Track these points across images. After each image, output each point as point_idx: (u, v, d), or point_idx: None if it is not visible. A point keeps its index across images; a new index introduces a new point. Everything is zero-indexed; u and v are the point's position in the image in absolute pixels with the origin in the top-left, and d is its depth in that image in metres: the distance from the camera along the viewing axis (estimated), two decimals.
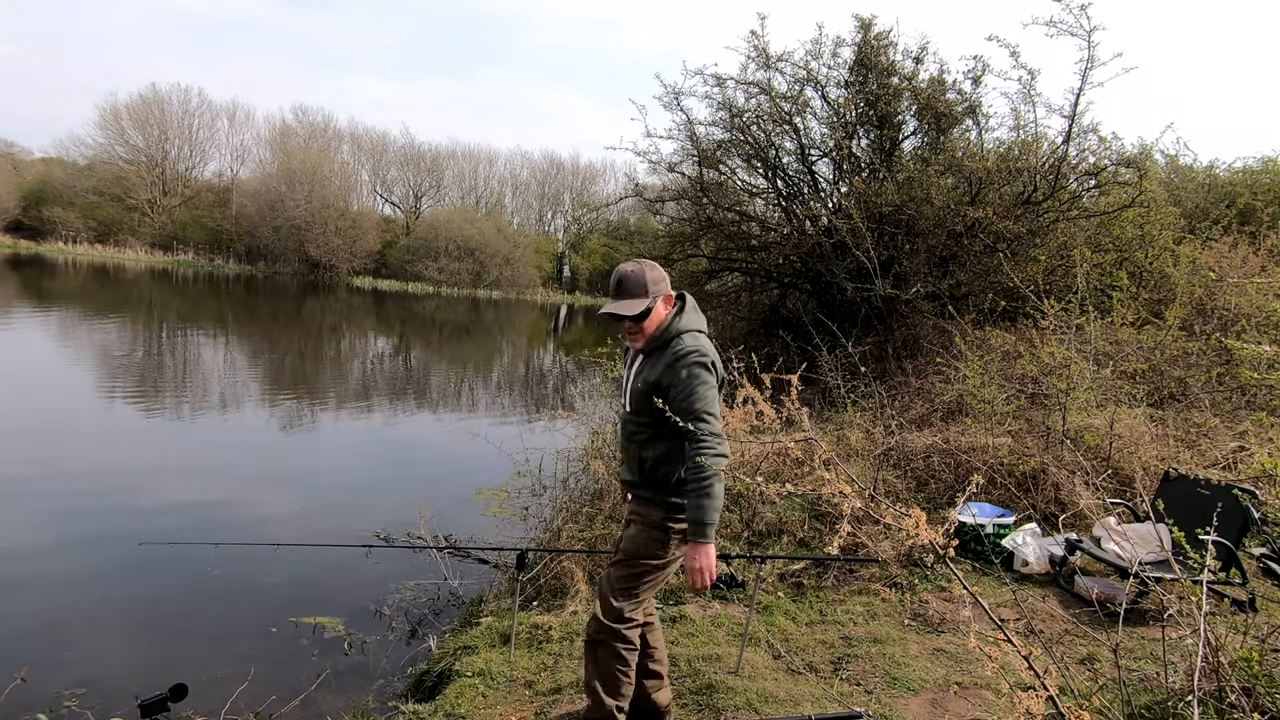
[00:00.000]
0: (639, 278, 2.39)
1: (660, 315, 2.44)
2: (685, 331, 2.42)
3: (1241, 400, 6.16)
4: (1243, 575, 3.65)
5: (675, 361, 2.34)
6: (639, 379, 2.45)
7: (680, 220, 13.24)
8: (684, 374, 2.31)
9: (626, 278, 2.41)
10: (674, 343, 2.40)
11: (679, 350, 2.37)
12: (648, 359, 2.46)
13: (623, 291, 2.41)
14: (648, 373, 2.41)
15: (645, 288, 2.39)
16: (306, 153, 40.23)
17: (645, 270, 2.40)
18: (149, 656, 3.85)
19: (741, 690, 2.98)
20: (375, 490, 6.96)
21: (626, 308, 2.37)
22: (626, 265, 2.43)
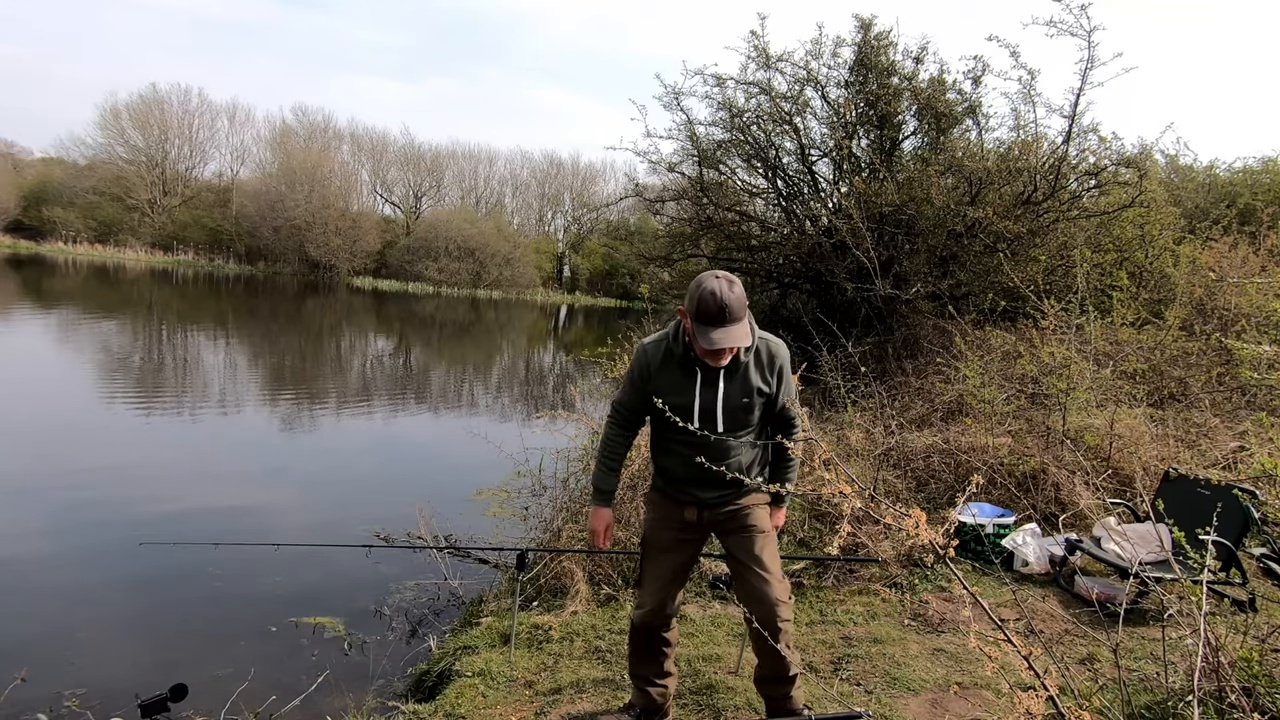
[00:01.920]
0: (741, 301, 2.22)
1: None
2: (762, 336, 2.39)
3: (1241, 400, 6.16)
4: (1243, 575, 3.65)
5: (773, 361, 2.37)
6: (733, 397, 2.34)
7: (680, 220, 13.25)
8: (786, 373, 2.40)
9: (732, 301, 2.20)
10: (760, 349, 2.36)
11: (773, 350, 2.38)
12: (732, 374, 2.35)
13: (731, 318, 2.21)
14: (743, 385, 2.34)
15: (745, 307, 2.25)
16: (306, 153, 40.22)
17: (741, 290, 2.25)
18: (149, 656, 3.85)
19: (741, 690, 2.98)
20: (375, 490, 6.96)
21: (741, 336, 2.22)
22: (718, 285, 2.21)
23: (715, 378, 2.35)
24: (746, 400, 2.34)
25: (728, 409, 2.34)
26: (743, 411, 2.35)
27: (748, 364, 2.35)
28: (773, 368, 2.37)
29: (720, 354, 2.29)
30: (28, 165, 43.99)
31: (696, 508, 2.49)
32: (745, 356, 2.34)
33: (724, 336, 2.19)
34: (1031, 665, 1.15)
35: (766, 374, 2.36)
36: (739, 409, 2.35)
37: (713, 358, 2.30)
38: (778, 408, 2.41)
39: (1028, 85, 9.09)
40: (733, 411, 2.34)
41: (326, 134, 44.17)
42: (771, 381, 2.38)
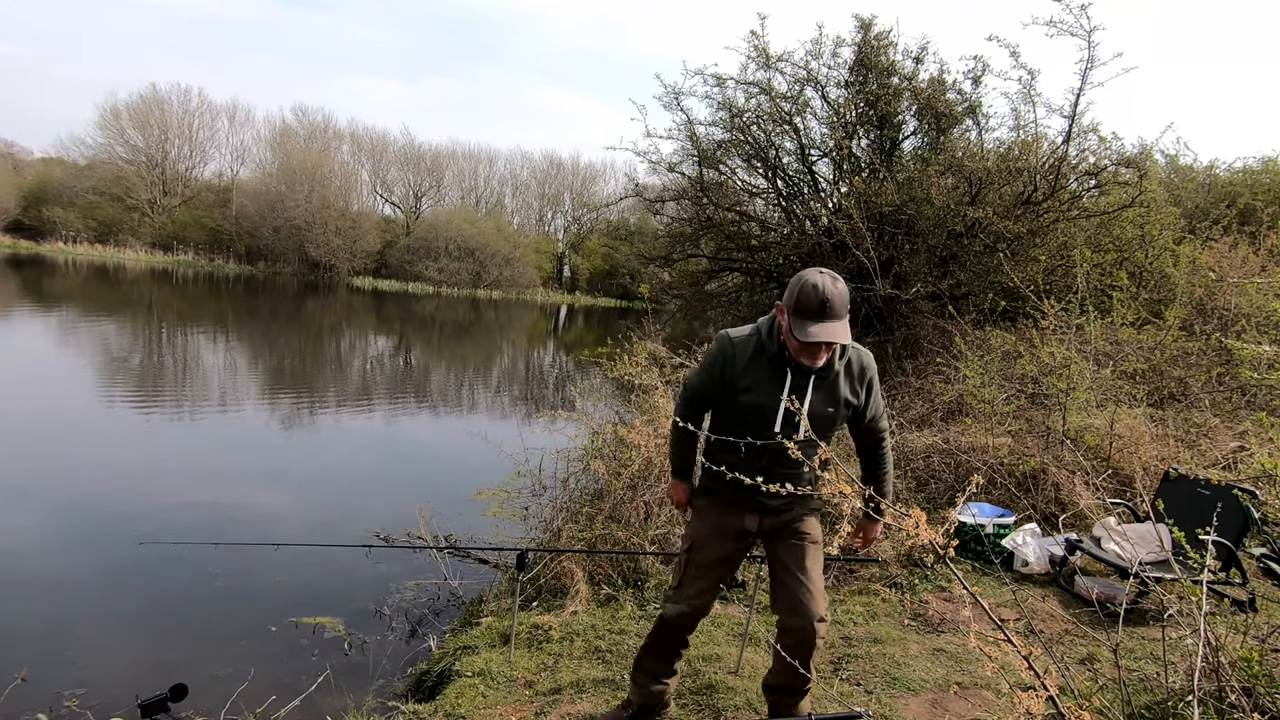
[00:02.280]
0: (845, 296, 2.12)
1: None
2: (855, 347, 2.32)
3: (1241, 400, 6.16)
4: (1243, 575, 3.65)
5: (865, 374, 2.30)
6: (819, 405, 2.23)
7: (680, 220, 13.24)
8: (875, 385, 2.34)
9: (834, 295, 2.09)
10: (852, 358, 2.28)
11: (864, 361, 2.31)
12: (822, 380, 2.24)
13: (832, 313, 2.09)
14: (831, 394, 2.25)
15: (847, 305, 2.13)
16: (306, 153, 40.22)
17: (841, 283, 2.13)
18: (149, 656, 3.85)
19: (741, 690, 2.98)
20: (375, 490, 6.96)
21: (842, 333, 2.10)
22: (821, 279, 2.10)
23: (805, 382, 2.22)
24: (832, 410, 2.24)
25: (813, 417, 2.18)
26: (827, 422, 2.24)
27: (839, 373, 2.25)
28: (863, 379, 2.30)
29: (816, 352, 2.16)
30: (28, 165, 43.98)
31: (759, 515, 2.37)
32: (838, 364, 2.24)
33: (822, 331, 2.07)
34: (1031, 665, 1.15)
35: (856, 385, 2.28)
36: (824, 418, 2.23)
37: (808, 355, 2.17)
38: (866, 420, 2.37)
39: (1028, 85, 9.09)
40: (818, 420, 2.20)
41: (326, 134, 44.20)
42: (860, 393, 2.31)
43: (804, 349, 2.15)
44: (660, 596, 4.01)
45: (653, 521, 4.49)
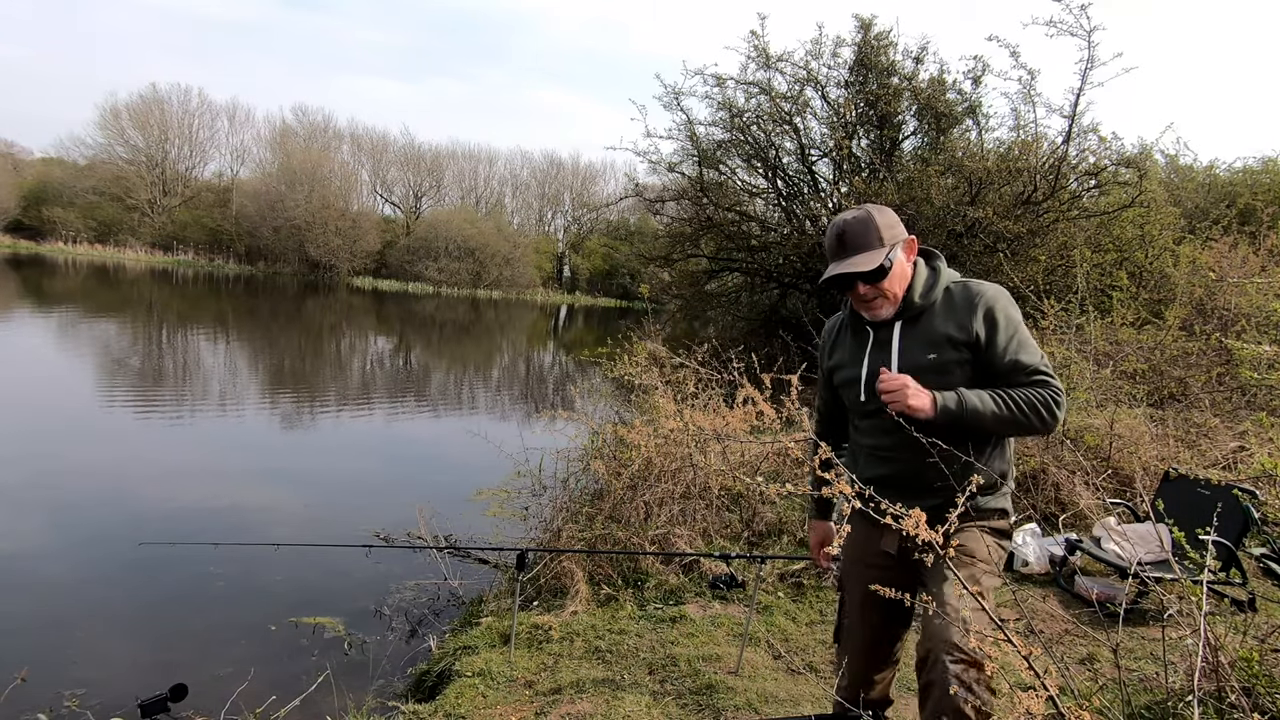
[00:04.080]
0: (865, 225, 1.80)
1: (904, 269, 1.85)
2: (956, 279, 1.88)
3: (1241, 400, 6.16)
4: (1243, 575, 3.65)
5: (974, 305, 1.79)
6: (913, 353, 1.82)
7: (680, 220, 13.25)
8: (999, 316, 1.78)
9: (849, 228, 1.81)
10: (953, 291, 1.84)
11: (974, 290, 1.82)
12: (912, 327, 1.85)
13: (846, 246, 1.81)
14: (926, 336, 1.82)
15: (878, 235, 1.79)
16: (306, 153, 40.24)
17: (872, 215, 1.81)
18: (149, 656, 3.85)
19: (741, 690, 2.98)
20: (375, 490, 6.96)
21: (861, 262, 1.77)
22: (844, 215, 1.84)
23: (889, 335, 1.86)
24: (934, 355, 1.79)
25: (914, 369, 1.79)
26: (934, 373, 1.77)
27: (929, 309, 1.84)
28: (972, 310, 1.79)
29: (867, 301, 1.84)
30: (28, 165, 43.96)
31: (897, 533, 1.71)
32: (920, 299, 1.84)
33: (838, 268, 1.80)
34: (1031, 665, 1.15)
35: (964, 317, 1.79)
36: (927, 369, 1.78)
37: (860, 305, 1.87)
38: (1001, 362, 1.76)
39: (1028, 85, 9.11)
40: (923, 372, 1.78)
41: (326, 134, 44.24)
42: (972, 325, 1.78)
43: (854, 301, 1.88)
44: (660, 596, 4.01)
45: (653, 521, 4.49)
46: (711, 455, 4.93)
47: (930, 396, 1.72)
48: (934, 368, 1.80)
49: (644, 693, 2.99)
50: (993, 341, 1.79)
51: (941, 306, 1.84)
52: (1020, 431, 1.78)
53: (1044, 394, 1.73)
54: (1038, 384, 1.74)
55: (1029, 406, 1.73)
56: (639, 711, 2.84)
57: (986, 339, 1.79)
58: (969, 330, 1.80)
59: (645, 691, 3.01)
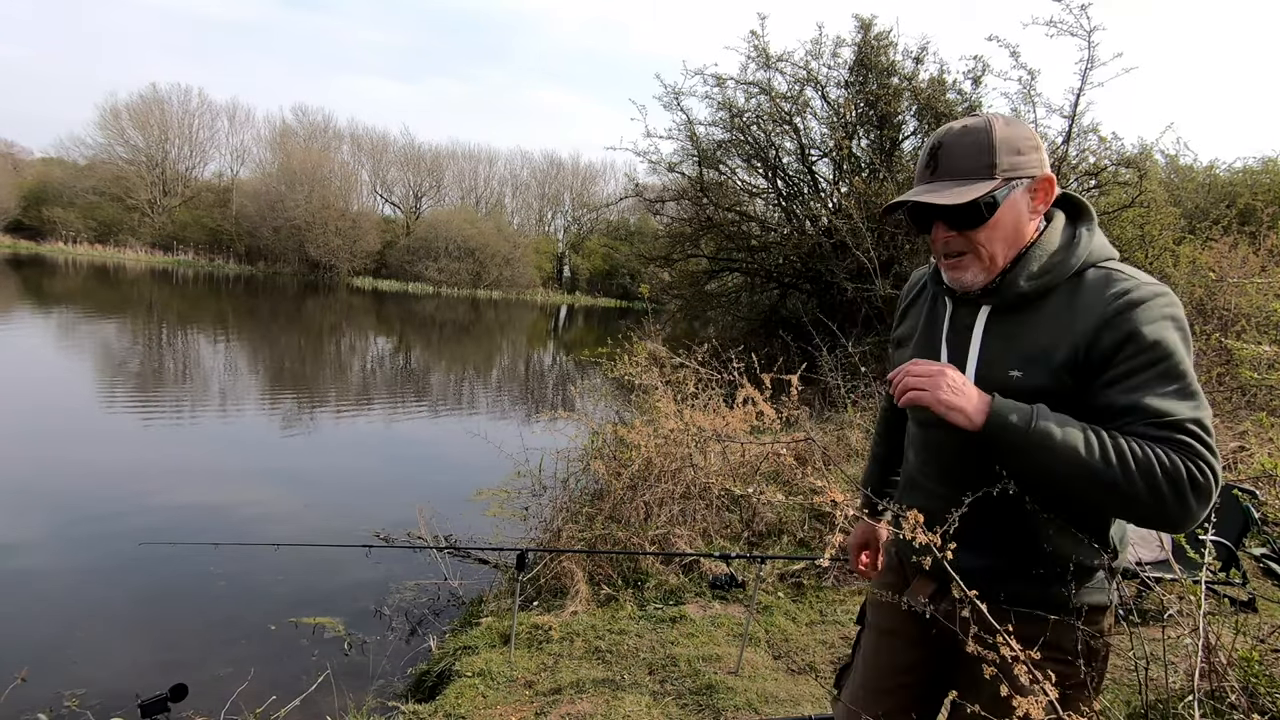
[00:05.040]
0: (977, 140, 1.19)
1: (1019, 220, 1.21)
2: (1106, 260, 1.21)
3: (1241, 400, 6.16)
4: (1243, 575, 3.65)
5: (1111, 310, 1.13)
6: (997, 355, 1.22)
7: (680, 220, 13.25)
8: (1146, 334, 1.10)
9: (950, 140, 1.21)
10: (1089, 280, 1.18)
11: (1122, 292, 1.14)
12: (1007, 318, 1.23)
13: (938, 165, 1.21)
14: (1022, 338, 1.20)
15: (989, 159, 1.18)
16: (306, 153, 40.25)
17: (994, 127, 1.19)
18: (149, 656, 3.85)
19: (741, 690, 2.98)
20: (375, 490, 6.96)
21: (946, 193, 1.18)
22: (956, 121, 1.23)
23: (971, 319, 1.26)
24: (1018, 374, 1.18)
25: (987, 383, 1.21)
26: (1018, 396, 1.16)
27: (1044, 297, 1.20)
28: (1105, 316, 1.13)
29: (949, 257, 1.24)
30: (28, 165, 43.97)
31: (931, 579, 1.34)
32: (1029, 282, 1.20)
33: (913, 193, 1.21)
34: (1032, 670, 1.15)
35: (1086, 324, 1.14)
36: (1008, 387, 1.18)
37: (940, 260, 1.28)
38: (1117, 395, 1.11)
39: (1028, 85, 9.09)
40: (996, 386, 1.19)
41: (326, 134, 44.26)
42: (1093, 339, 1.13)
43: (934, 250, 1.28)
44: (660, 596, 4.01)
45: (653, 521, 4.49)
46: (711, 455, 4.93)
47: (978, 397, 1.14)
48: (1014, 394, 1.16)
49: (644, 693, 2.99)
50: (1113, 365, 1.12)
51: (1062, 298, 1.18)
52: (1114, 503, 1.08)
53: (1179, 460, 1.05)
54: (1178, 447, 1.06)
55: (1144, 468, 1.05)
56: (639, 711, 2.84)
57: (1109, 363, 1.12)
58: (1085, 345, 1.14)
59: (645, 691, 3.01)
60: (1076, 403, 1.14)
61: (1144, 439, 1.07)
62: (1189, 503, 1.05)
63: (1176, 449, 1.06)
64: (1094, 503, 1.12)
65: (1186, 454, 1.06)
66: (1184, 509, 1.06)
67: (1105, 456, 1.06)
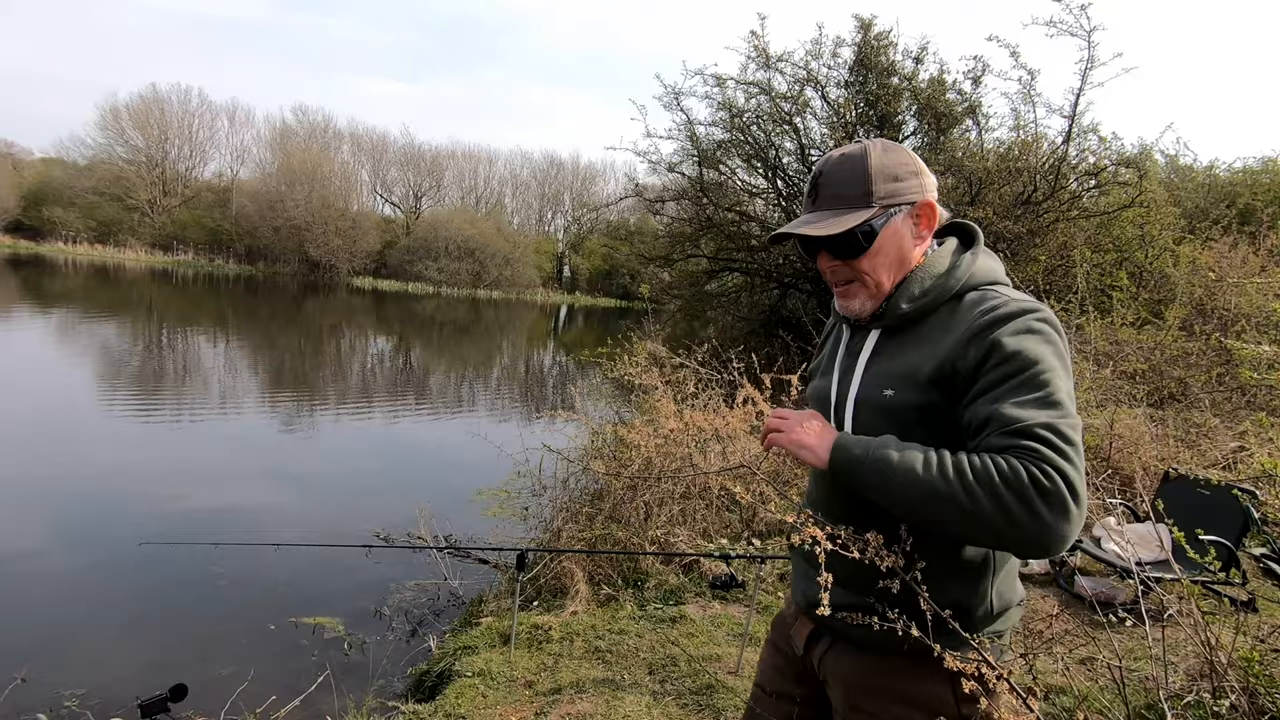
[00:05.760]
0: (854, 168, 1.21)
1: (900, 247, 1.22)
2: (987, 283, 1.22)
3: (1241, 400, 6.16)
4: (1243, 575, 3.65)
5: (980, 325, 1.12)
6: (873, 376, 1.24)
7: (680, 220, 13.24)
8: (1008, 346, 1.09)
9: (829, 169, 1.23)
10: (967, 300, 1.19)
11: (991, 308, 1.14)
12: (891, 341, 1.25)
13: (818, 195, 1.23)
14: (897, 361, 1.21)
15: (867, 187, 1.20)
16: (306, 153, 40.26)
17: (869, 156, 1.21)
18: (149, 656, 3.85)
19: (741, 690, 2.98)
20: (375, 490, 6.96)
21: (823, 223, 1.19)
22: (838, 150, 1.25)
23: (861, 345, 1.28)
24: (890, 393, 1.19)
25: (862, 406, 1.24)
26: (883, 417, 1.19)
27: (923, 319, 1.22)
28: (973, 331, 1.13)
29: (836, 285, 1.27)
30: (28, 165, 43.98)
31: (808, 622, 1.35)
32: (910, 304, 1.21)
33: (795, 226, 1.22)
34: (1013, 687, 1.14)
35: (955, 341, 1.14)
36: (878, 408, 1.20)
37: (840, 296, 1.28)
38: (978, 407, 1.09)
39: (1028, 85, 9.10)
40: (870, 412, 1.22)
41: (326, 134, 44.27)
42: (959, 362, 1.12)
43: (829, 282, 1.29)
44: (660, 596, 4.01)
45: (653, 521, 4.49)
46: (711, 455, 4.93)
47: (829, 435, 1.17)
48: (887, 412, 1.18)
49: (644, 693, 2.99)
50: (978, 378, 1.10)
51: (941, 318, 1.19)
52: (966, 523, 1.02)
53: (1020, 466, 1.00)
54: (1021, 452, 1.01)
55: (983, 479, 1.00)
56: (639, 711, 2.84)
57: (974, 375, 1.10)
58: (951, 360, 1.13)
59: (645, 691, 3.01)
60: (948, 419, 1.14)
61: (992, 450, 1.03)
62: (1039, 511, 0.98)
63: (1020, 454, 1.01)
64: (947, 525, 1.05)
65: (1030, 458, 1.00)
66: (1035, 518, 0.98)
67: (943, 473, 1.03)
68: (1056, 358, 1.10)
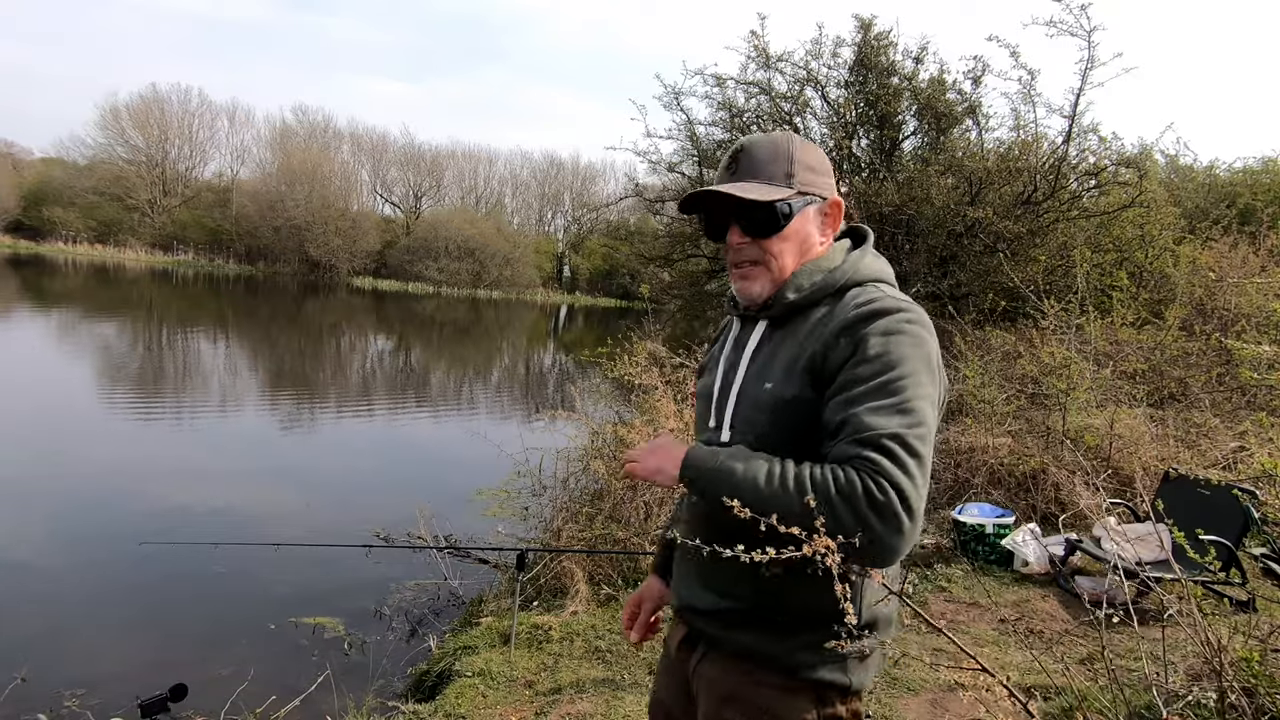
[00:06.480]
0: (775, 150, 1.21)
1: (807, 236, 1.22)
2: (872, 280, 1.22)
3: (1241, 400, 6.16)
4: (1243, 575, 3.65)
5: (851, 321, 1.12)
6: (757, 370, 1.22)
7: (680, 220, 13.24)
8: (873, 344, 1.09)
9: (753, 147, 1.22)
10: (846, 297, 1.18)
11: (864, 303, 1.14)
12: (776, 333, 1.23)
13: (740, 169, 1.21)
14: (784, 354, 1.18)
15: (787, 170, 1.20)
16: (306, 153, 40.26)
17: (792, 143, 1.23)
18: (149, 656, 3.85)
19: None
20: (375, 490, 6.96)
21: (744, 189, 1.17)
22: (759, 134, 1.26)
23: (748, 335, 1.26)
24: (770, 386, 1.17)
25: (745, 399, 1.22)
26: (768, 411, 1.17)
27: (805, 313, 1.20)
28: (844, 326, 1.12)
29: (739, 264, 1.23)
30: (28, 165, 43.99)
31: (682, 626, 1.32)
32: (796, 294, 1.20)
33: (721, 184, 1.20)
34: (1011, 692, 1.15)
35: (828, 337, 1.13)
36: (760, 403, 1.18)
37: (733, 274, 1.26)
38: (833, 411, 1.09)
39: (1028, 85, 9.09)
40: (751, 407, 1.20)
41: (326, 134, 44.26)
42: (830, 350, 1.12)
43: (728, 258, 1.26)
44: None
45: (653, 521, 4.49)
46: None
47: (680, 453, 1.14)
48: (764, 405, 1.17)
49: (644, 693, 2.99)
50: (842, 378, 1.09)
51: (821, 313, 1.18)
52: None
53: (857, 477, 1.00)
54: (861, 464, 1.01)
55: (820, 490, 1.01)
56: (639, 711, 2.84)
57: (838, 370, 1.10)
58: (822, 353, 1.12)
59: (645, 691, 3.01)
60: (818, 411, 1.12)
61: (840, 459, 1.04)
62: (871, 523, 0.98)
63: (860, 465, 1.01)
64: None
65: (868, 469, 1.00)
66: (867, 530, 0.98)
67: (784, 485, 1.03)
68: (921, 361, 1.09)
